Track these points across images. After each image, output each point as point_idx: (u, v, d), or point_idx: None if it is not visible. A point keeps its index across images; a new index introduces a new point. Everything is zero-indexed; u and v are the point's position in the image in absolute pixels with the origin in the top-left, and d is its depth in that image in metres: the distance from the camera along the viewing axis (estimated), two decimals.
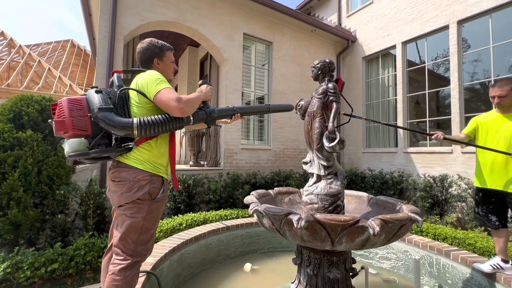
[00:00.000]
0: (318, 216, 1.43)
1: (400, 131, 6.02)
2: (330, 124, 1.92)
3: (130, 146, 1.31)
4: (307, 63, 6.75)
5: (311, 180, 2.09)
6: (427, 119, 5.68)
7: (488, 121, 2.10)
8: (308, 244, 1.60)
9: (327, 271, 1.77)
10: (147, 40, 1.55)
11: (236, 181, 4.58)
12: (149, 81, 1.34)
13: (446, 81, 5.48)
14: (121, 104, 1.32)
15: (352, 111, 2.20)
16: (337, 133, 1.90)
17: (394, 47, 6.23)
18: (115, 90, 1.35)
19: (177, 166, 5.03)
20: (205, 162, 5.42)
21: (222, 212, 3.63)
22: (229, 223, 3.23)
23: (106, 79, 4.06)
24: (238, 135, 5.51)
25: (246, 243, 3.24)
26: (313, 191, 1.97)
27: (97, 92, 1.28)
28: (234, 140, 5.43)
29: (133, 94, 1.38)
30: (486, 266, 2.04)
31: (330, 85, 2.02)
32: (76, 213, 3.01)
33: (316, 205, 1.93)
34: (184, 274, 2.54)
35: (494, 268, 1.99)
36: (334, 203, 1.91)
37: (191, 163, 5.31)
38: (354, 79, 7.22)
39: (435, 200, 4.47)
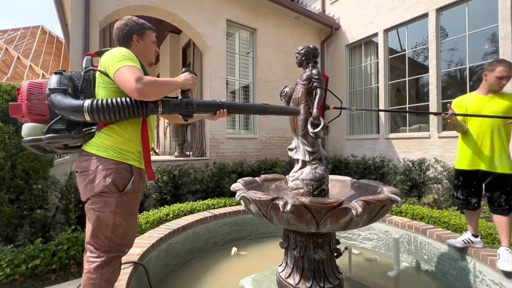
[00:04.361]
0: (304, 199, 1.46)
1: (382, 118, 6.19)
2: (315, 110, 1.94)
3: (92, 131, 1.19)
4: (291, 50, 6.71)
5: (297, 166, 2.12)
6: (407, 105, 5.88)
7: (471, 103, 2.11)
8: (294, 228, 1.64)
9: (313, 253, 1.83)
10: (126, 16, 1.43)
11: (223, 170, 4.57)
12: (112, 58, 1.19)
13: (425, 69, 5.66)
14: (87, 87, 1.22)
15: (341, 104, 2.22)
16: (321, 118, 1.93)
17: (376, 34, 6.31)
18: (81, 72, 1.25)
19: (162, 157, 4.94)
20: (191, 153, 5.35)
21: (209, 201, 3.63)
22: (217, 211, 3.25)
23: (82, 69, 3.84)
24: (224, 124, 5.46)
25: (234, 231, 3.28)
26: (299, 176, 2.01)
27: (56, 73, 1.17)
28: (219, 129, 5.38)
29: (97, 75, 1.25)
30: (459, 241, 2.19)
31: (314, 71, 2.03)
32: (56, 208, 2.91)
33: (301, 190, 1.97)
34: (172, 263, 2.54)
35: (465, 243, 2.14)
36: (319, 188, 1.96)
37: (176, 153, 5.22)
38: (338, 67, 7.28)
39: (413, 183, 4.70)
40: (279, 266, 2.09)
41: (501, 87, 2.02)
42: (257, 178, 2.48)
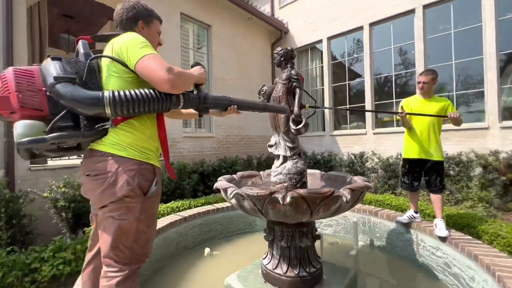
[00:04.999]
0: (300, 191, 1.57)
1: (327, 117, 6.87)
2: (296, 108, 2.08)
3: (106, 127, 1.03)
4: (245, 50, 6.82)
5: (278, 162, 2.23)
6: (347, 105, 6.68)
7: (414, 105, 2.61)
8: (288, 219, 1.74)
9: (299, 242, 1.96)
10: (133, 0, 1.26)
11: (183, 170, 4.37)
12: (129, 44, 1.05)
13: (362, 74, 6.53)
14: (90, 77, 1.03)
15: (315, 103, 2.40)
16: (302, 116, 2.07)
17: (320, 41, 6.96)
18: (81, 59, 1.06)
19: None
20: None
21: (173, 204, 3.44)
22: (186, 213, 3.11)
23: (3, 58, 3.10)
24: (180, 122, 5.20)
25: (204, 232, 3.20)
26: (282, 171, 2.12)
27: (53, 59, 0.98)
28: (176, 128, 5.09)
29: (106, 62, 1.10)
30: (404, 218, 2.66)
31: (293, 71, 2.16)
32: None
33: (285, 184, 2.08)
34: (146, 274, 2.34)
35: (410, 219, 2.61)
36: (301, 181, 2.11)
37: None
38: None
39: (356, 173, 5.41)
40: (264, 259, 2.16)
41: (421, 89, 2.58)
42: (234, 176, 2.50)
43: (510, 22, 4.60)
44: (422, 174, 2.57)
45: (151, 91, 1.03)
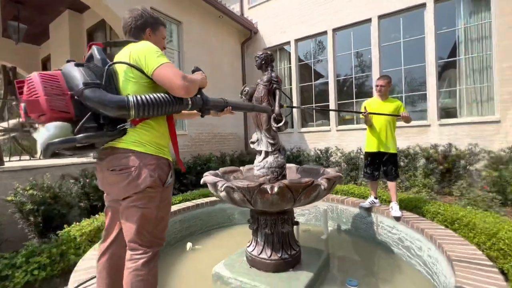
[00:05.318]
0: (285, 182, 1.79)
1: (295, 115, 7.27)
2: (277, 108, 2.29)
3: (126, 127, 1.13)
4: (216, 49, 6.86)
5: (260, 157, 2.43)
6: (313, 104, 7.16)
7: (373, 105, 3.01)
8: (274, 208, 1.94)
9: (281, 228, 2.19)
10: (139, 7, 1.35)
11: None
12: (147, 52, 1.17)
13: (324, 74, 7.04)
14: (108, 82, 1.11)
15: (291, 102, 2.64)
16: (282, 115, 2.29)
17: (288, 43, 7.31)
18: (97, 64, 1.13)
19: (76, 160, 4.16)
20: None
21: None
22: None
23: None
24: None
25: (185, 227, 3.27)
26: (264, 165, 2.32)
27: (77, 65, 1.05)
28: None
29: (123, 68, 1.19)
30: (366, 203, 3.07)
31: (273, 74, 2.37)
32: None
33: (268, 177, 2.29)
34: None
35: (371, 204, 3.03)
36: (281, 173, 2.34)
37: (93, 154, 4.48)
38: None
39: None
40: (248, 247, 2.35)
41: (379, 92, 3.00)
42: (217, 171, 2.64)
43: (446, 35, 5.43)
44: (381, 165, 3.00)
45: (167, 95, 1.16)
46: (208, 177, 2.17)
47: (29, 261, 2.22)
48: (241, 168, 2.97)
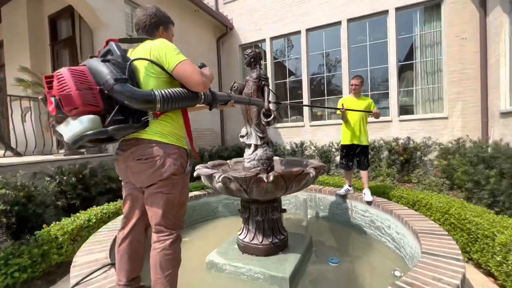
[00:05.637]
0: (280, 171, 1.96)
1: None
2: (266, 103, 2.44)
3: (148, 120, 1.20)
4: (193, 43, 6.76)
5: (249, 150, 2.56)
6: (288, 102, 7.46)
7: (348, 103, 3.29)
8: (268, 195, 2.10)
9: (271, 215, 2.37)
10: (152, 6, 1.42)
11: None
12: (167, 50, 1.25)
13: (297, 72, 7.37)
14: (130, 77, 1.16)
15: (277, 98, 2.80)
16: (272, 110, 2.45)
17: (264, 40, 7.48)
18: (118, 60, 1.17)
19: (43, 157, 3.88)
20: (84, 150, 4.47)
21: None
22: None
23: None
24: None
25: None
26: (255, 158, 2.47)
27: (104, 61, 1.10)
28: None
29: (143, 64, 1.26)
30: (342, 191, 3.39)
31: (262, 71, 2.51)
32: None
33: (258, 168, 2.44)
34: None
35: (346, 191, 3.35)
36: (270, 165, 2.51)
37: (63, 151, 4.21)
38: (232, 63, 8.02)
39: None
40: (239, 235, 2.48)
41: (354, 90, 3.32)
42: (207, 164, 2.73)
43: (405, 40, 6.06)
44: (355, 156, 3.33)
45: (186, 90, 1.25)
46: (202, 170, 2.25)
47: (8, 263, 2.11)
48: (228, 161, 3.08)
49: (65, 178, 3.02)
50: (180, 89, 1.24)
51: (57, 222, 2.62)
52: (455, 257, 1.68)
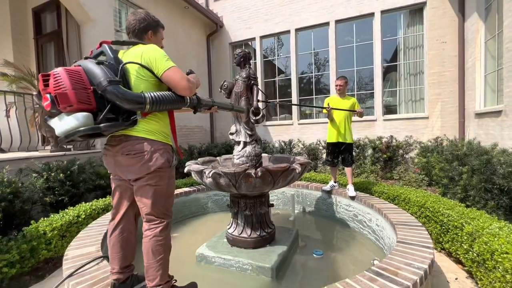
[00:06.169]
0: (267, 167, 2.06)
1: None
2: (255, 102, 2.53)
3: (137, 118, 1.29)
4: (182, 40, 6.73)
5: (239, 147, 2.65)
6: (277, 100, 7.57)
7: (333, 102, 3.44)
8: (255, 190, 2.19)
9: (259, 209, 2.47)
10: (142, 11, 1.49)
11: None
12: (157, 56, 1.34)
13: (286, 71, 7.48)
14: (121, 77, 1.23)
15: (266, 97, 2.90)
16: (260, 109, 2.54)
17: (254, 39, 7.54)
18: (111, 61, 1.23)
19: (28, 154, 3.82)
20: (71, 146, 4.42)
21: None
22: None
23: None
24: None
25: None
26: (244, 154, 2.56)
27: (98, 63, 1.17)
28: None
29: (134, 67, 1.33)
30: (327, 187, 3.54)
31: (251, 71, 2.60)
32: None
33: (247, 164, 2.53)
34: None
35: (331, 187, 3.50)
36: (258, 161, 2.60)
37: (50, 147, 4.15)
38: (222, 61, 8.04)
39: None
40: (228, 229, 2.57)
41: (338, 90, 3.46)
42: (197, 161, 2.79)
43: (389, 42, 6.29)
44: (340, 154, 3.48)
45: (173, 93, 1.35)
46: (193, 166, 2.32)
47: None
48: (217, 158, 3.15)
49: (52, 174, 3.00)
50: (169, 92, 1.33)
51: (45, 218, 2.62)
52: (426, 245, 1.84)
